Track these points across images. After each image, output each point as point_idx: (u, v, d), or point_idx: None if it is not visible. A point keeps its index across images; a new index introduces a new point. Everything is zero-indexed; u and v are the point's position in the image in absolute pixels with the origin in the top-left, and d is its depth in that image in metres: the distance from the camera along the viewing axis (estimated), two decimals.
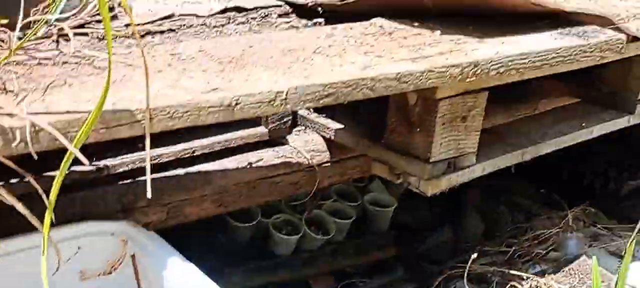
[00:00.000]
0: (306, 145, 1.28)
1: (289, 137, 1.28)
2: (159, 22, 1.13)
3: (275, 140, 1.27)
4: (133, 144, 1.11)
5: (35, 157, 0.70)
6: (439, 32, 0.99)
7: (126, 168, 1.15)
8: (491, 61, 0.91)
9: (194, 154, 1.20)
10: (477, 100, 1.03)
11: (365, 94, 0.87)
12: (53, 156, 0.73)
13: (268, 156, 1.25)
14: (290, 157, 1.26)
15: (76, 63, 0.88)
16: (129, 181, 1.17)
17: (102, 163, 1.15)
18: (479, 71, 0.90)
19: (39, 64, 0.87)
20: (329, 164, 1.30)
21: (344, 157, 1.32)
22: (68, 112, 0.73)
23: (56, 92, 0.78)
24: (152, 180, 1.18)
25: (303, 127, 1.30)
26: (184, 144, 1.19)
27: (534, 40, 0.98)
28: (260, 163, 1.24)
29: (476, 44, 0.95)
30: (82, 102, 0.75)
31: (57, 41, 1.02)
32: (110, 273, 1.01)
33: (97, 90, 0.78)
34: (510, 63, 0.92)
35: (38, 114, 0.71)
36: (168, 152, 1.18)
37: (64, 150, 0.69)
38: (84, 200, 1.09)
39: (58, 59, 0.89)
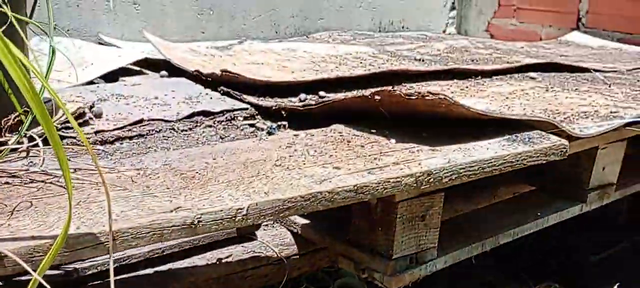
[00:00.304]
0: (274, 240, 1.30)
1: (257, 232, 1.31)
2: (129, 127, 1.17)
3: (244, 236, 1.29)
4: None
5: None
6: (394, 140, 1.04)
7: (95, 271, 1.17)
8: (443, 170, 0.96)
9: (163, 254, 1.22)
10: (434, 200, 1.07)
11: (325, 205, 0.91)
12: None
13: (237, 251, 1.27)
14: (259, 252, 1.29)
15: (43, 181, 0.91)
16: (98, 282, 1.19)
17: (71, 266, 1.17)
18: (432, 179, 0.95)
19: (7, 183, 0.90)
20: (297, 256, 1.33)
21: (312, 249, 1.35)
22: (33, 237, 0.76)
23: (22, 216, 0.80)
24: (121, 280, 1.21)
25: (271, 222, 1.33)
26: (153, 244, 1.21)
27: (483, 148, 1.04)
28: (229, 259, 1.26)
29: (429, 153, 1.00)
30: (47, 226, 0.78)
31: (28, 152, 1.06)
32: None
33: (62, 214, 0.81)
34: (461, 171, 0.98)
35: (3, 240, 0.74)
36: (137, 252, 1.20)
37: None
38: None
39: (25, 177, 0.92)
